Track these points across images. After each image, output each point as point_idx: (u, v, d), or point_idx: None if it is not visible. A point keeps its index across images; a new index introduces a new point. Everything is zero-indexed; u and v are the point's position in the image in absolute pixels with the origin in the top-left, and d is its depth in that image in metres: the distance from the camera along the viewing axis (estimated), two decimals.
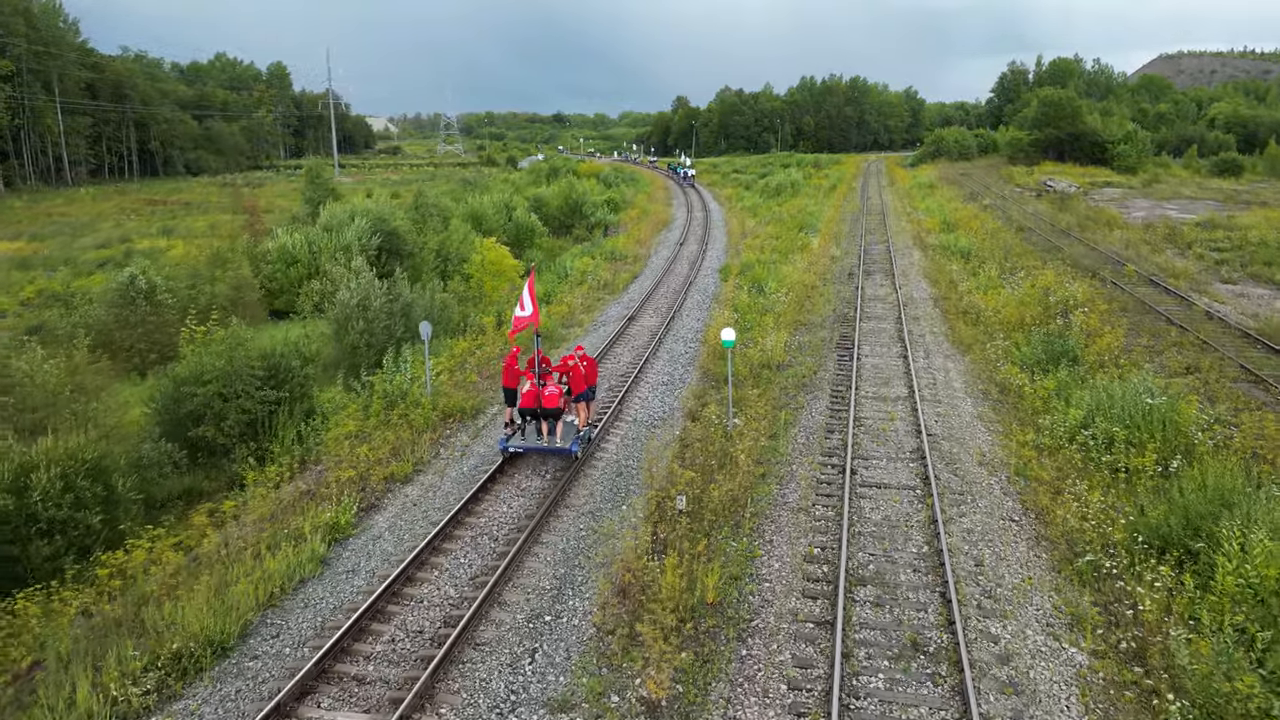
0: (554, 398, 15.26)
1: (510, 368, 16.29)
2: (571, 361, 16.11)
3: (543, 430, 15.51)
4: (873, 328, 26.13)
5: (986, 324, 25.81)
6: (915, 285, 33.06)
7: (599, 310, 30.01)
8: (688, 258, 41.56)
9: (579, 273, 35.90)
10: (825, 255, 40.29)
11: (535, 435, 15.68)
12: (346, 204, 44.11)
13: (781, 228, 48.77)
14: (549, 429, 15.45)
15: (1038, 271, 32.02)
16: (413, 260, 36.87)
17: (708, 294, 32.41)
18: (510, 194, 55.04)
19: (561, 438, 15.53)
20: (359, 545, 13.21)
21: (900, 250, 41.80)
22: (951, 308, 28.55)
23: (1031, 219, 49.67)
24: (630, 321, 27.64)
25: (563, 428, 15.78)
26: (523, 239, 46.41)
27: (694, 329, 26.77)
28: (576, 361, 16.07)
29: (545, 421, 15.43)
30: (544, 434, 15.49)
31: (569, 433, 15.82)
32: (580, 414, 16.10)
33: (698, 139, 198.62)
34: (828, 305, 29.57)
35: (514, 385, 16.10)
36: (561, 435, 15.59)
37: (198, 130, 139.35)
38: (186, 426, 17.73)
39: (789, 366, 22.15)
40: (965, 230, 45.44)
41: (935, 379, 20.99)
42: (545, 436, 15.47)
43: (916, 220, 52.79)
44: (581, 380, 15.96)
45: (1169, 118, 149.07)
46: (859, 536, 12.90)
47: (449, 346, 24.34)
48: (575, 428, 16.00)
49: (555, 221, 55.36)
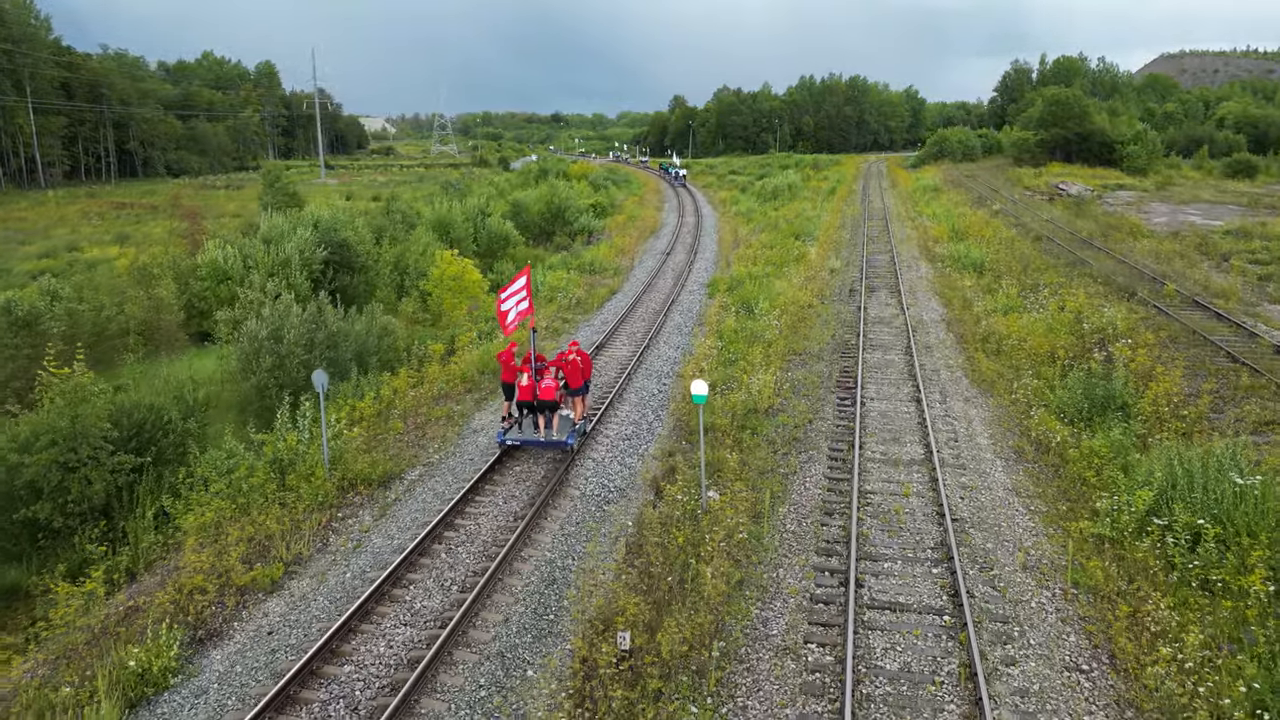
0: (550, 390, 15.57)
1: (507, 363, 16.62)
2: (569, 356, 16.53)
3: (539, 424, 15.81)
4: (878, 360, 22.44)
5: (1010, 355, 22.12)
6: (925, 304, 29.37)
7: (564, 334, 26.31)
8: (673, 270, 37.87)
9: (549, 289, 32.19)
10: (824, 268, 36.61)
11: (532, 429, 16.01)
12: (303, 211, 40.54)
13: (777, 235, 45.10)
14: (545, 422, 15.71)
15: (1065, 290, 28.32)
16: (366, 275, 33.21)
17: (691, 315, 28.71)
18: (486, 199, 51.39)
19: (558, 431, 15.80)
20: (170, 709, 9.49)
21: (906, 262, 38.12)
22: (968, 334, 24.85)
23: (1047, 226, 45.97)
24: (598, 351, 23.93)
25: (559, 421, 16.09)
26: (495, 249, 42.73)
27: (671, 360, 23.06)
28: (573, 356, 16.51)
29: (542, 415, 15.75)
30: (540, 427, 15.78)
31: (565, 426, 16.16)
32: (576, 408, 16.57)
33: (695, 139, 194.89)
34: (826, 330, 25.89)
35: (511, 380, 16.44)
36: (558, 428, 15.86)
37: (181, 130, 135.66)
38: (18, 503, 14.07)
39: (780, 412, 18.46)
40: (976, 239, 41.76)
41: (956, 431, 17.29)
42: (542, 430, 15.74)
43: (922, 227, 49.10)
44: (578, 374, 16.44)
45: (1176, 117, 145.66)
46: (869, 703, 9.18)
47: (382, 384, 20.64)
48: (571, 421, 16.35)
49: (535, 228, 51.72)
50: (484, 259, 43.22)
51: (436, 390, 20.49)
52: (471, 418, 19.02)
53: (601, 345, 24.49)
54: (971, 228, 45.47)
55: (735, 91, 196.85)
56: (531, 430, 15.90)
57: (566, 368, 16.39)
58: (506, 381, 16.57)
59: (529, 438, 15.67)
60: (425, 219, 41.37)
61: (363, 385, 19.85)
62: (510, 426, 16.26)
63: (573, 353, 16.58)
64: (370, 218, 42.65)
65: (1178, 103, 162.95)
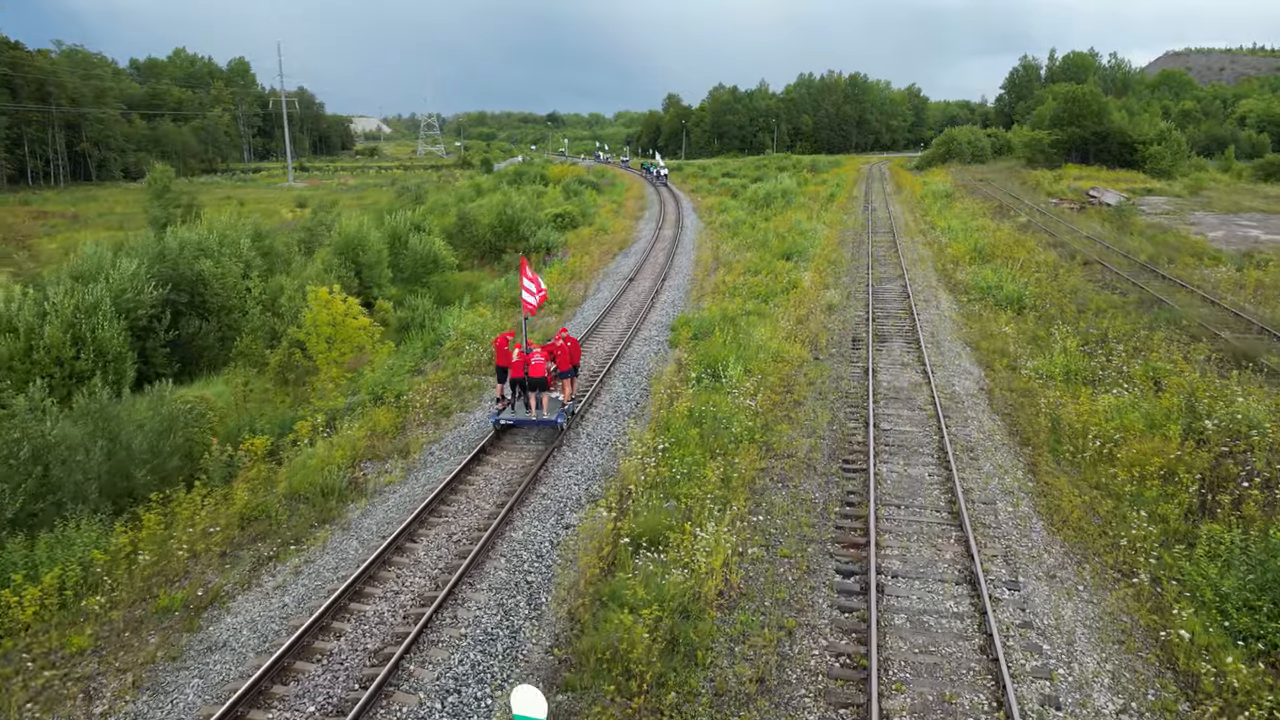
0: (539, 366, 16.56)
1: (501, 348, 17.48)
2: (558, 343, 17.47)
3: (531, 403, 16.78)
4: (897, 479, 14.84)
5: (1099, 469, 14.60)
6: (954, 363, 21.81)
7: (446, 427, 18.58)
8: (633, 304, 30.28)
9: (458, 337, 24.55)
10: (819, 302, 29.04)
11: (524, 410, 16.93)
12: (190, 228, 33.04)
13: (764, 256, 37.57)
14: (536, 402, 16.69)
15: (1149, 349, 20.78)
16: (226, 319, 25.68)
17: (638, 382, 21.03)
18: (422, 212, 43.84)
19: (548, 410, 16.68)
20: None
21: (921, 292, 30.56)
22: (1025, 422, 17.28)
23: (1091, 246, 38.35)
24: (472, 465, 16.11)
25: (549, 402, 16.84)
26: (420, 273, 35.17)
27: (570, 498, 15.26)
28: (563, 342, 17.46)
29: (533, 394, 16.71)
30: (531, 407, 16.75)
31: (554, 407, 16.86)
32: (565, 390, 17.44)
33: (689, 139, 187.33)
34: (820, 411, 18.32)
35: (506, 364, 17.19)
36: (548, 408, 16.73)
37: (144, 131, 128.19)
38: None
39: (738, 606, 10.94)
40: (1005, 261, 34.22)
41: (1047, 658, 9.76)
42: (533, 410, 16.71)
43: (936, 243, 41.53)
44: (566, 358, 17.43)
45: (1195, 116, 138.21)
46: None
47: (136, 525, 13.06)
48: (560, 402, 17.03)
49: (485, 244, 44.15)
50: (408, 284, 35.71)
51: (202, 539, 12.89)
52: (216, 622, 11.37)
53: (482, 454, 16.81)
54: (998, 246, 37.90)
55: (731, 90, 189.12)
56: (524, 411, 16.91)
57: (557, 353, 17.36)
58: (500, 365, 17.37)
59: (521, 417, 16.62)
60: (332, 239, 33.76)
61: (62, 545, 12.08)
62: (504, 408, 17.13)
63: (561, 338, 17.63)
64: (259, 241, 35.08)
65: (1193, 100, 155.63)
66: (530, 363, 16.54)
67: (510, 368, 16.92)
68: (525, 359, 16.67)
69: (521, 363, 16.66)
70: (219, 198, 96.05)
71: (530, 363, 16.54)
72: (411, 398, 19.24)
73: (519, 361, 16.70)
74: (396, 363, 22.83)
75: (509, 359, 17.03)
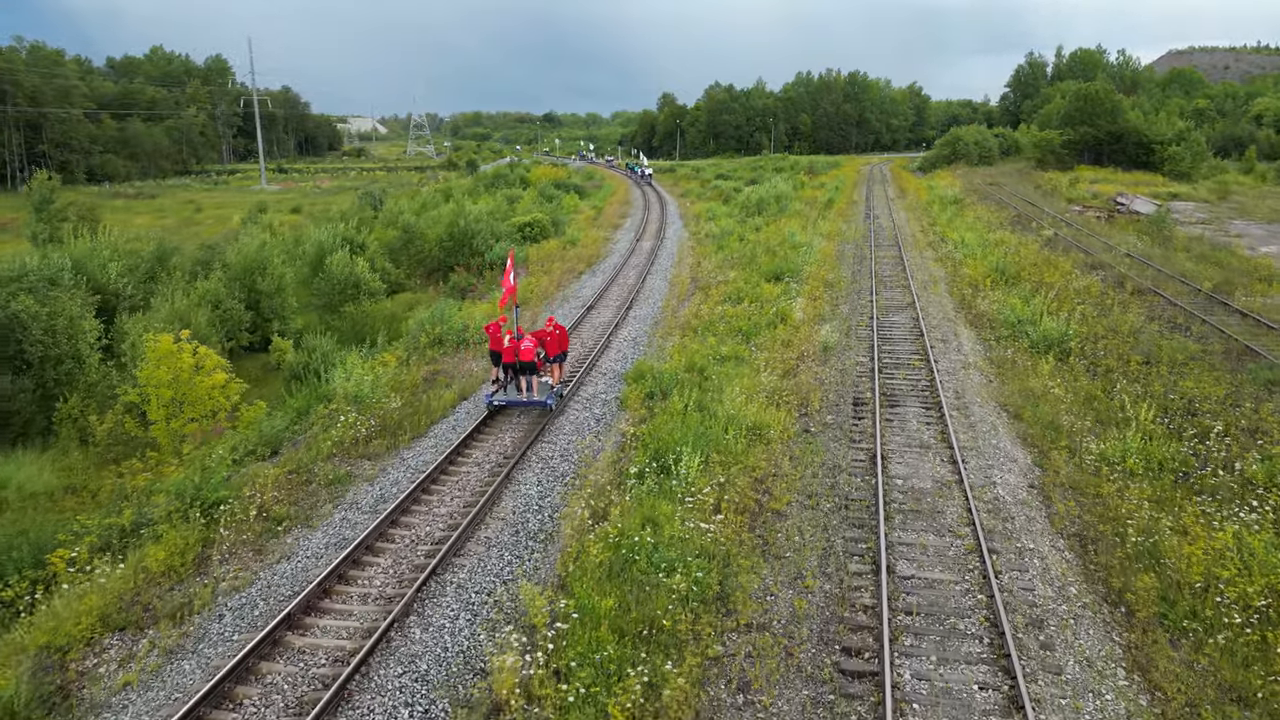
0: (529, 351, 17.39)
1: (494, 334, 18.35)
2: (548, 329, 18.63)
3: (521, 386, 17.71)
4: (929, 696, 9.26)
5: (1243, 665, 9.08)
6: (992, 445, 16.15)
7: (269, 558, 13.02)
8: (583, 344, 24.60)
9: (343, 398, 18.78)
10: (812, 342, 23.46)
11: (516, 391, 17.89)
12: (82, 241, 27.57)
13: (751, 275, 32.00)
14: (527, 385, 17.62)
15: (1258, 427, 15.18)
16: (52, 372, 20.09)
17: (557, 480, 15.21)
18: (355, 227, 38.26)
19: (538, 393, 17.71)
20: None
21: (938, 328, 24.97)
22: (1112, 563, 11.69)
23: (1135, 267, 32.73)
24: (282, 634, 10.64)
25: (539, 385, 17.82)
26: (338, 300, 29.56)
27: (437, 680, 9.81)
28: (551, 330, 18.65)
29: (524, 377, 17.58)
30: (523, 390, 17.70)
31: (544, 389, 17.99)
32: (554, 373, 18.67)
33: (683, 139, 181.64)
34: (807, 535, 12.71)
35: (499, 348, 18.01)
36: (538, 391, 17.75)
37: (113, 131, 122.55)
38: None
39: None
40: (1036, 285, 28.67)
41: None
42: (524, 392, 17.69)
43: (949, 260, 35.95)
44: (555, 345, 18.59)
45: (1208, 114, 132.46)
46: None
47: None
48: (549, 385, 18.27)
49: (433, 261, 38.54)
50: (328, 312, 30.07)
51: None
52: None
53: (287, 623, 11.28)
54: (1024, 265, 32.31)
55: (727, 88, 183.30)
56: (515, 393, 17.85)
57: (546, 339, 18.43)
58: (494, 350, 18.22)
59: (513, 399, 17.74)
60: (229, 260, 28.06)
61: None
62: (497, 389, 18.14)
63: (550, 326, 18.79)
64: (163, 261, 29.40)
65: (1206, 98, 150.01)
66: (520, 348, 17.42)
67: (503, 352, 17.77)
68: (515, 345, 17.53)
69: (513, 348, 17.53)
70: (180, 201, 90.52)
71: (520, 348, 17.42)
72: (234, 508, 13.59)
73: (510, 347, 17.58)
74: (246, 437, 17.19)
75: (501, 344, 17.90)
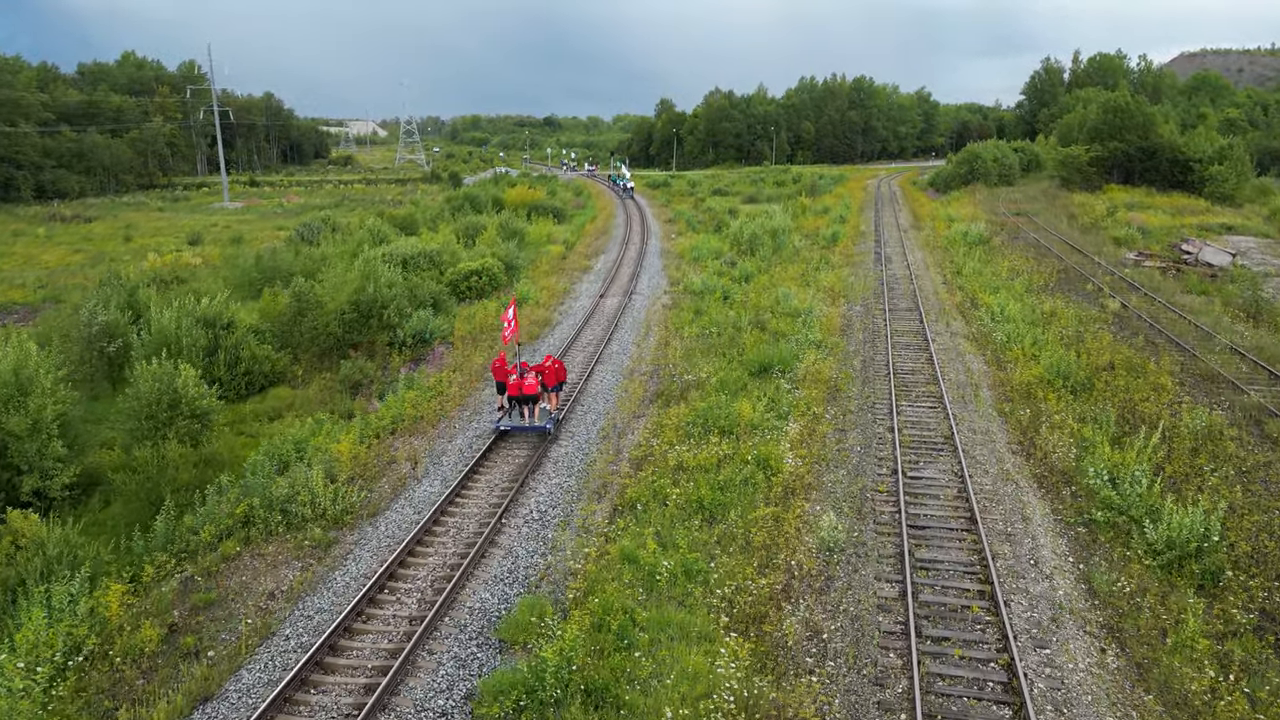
0: (532, 386, 20.09)
1: (499, 368, 20.81)
2: (548, 363, 20.97)
3: (524, 413, 20.27)
4: None
5: None
6: None
7: None
8: (467, 534, 16.41)
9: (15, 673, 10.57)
10: (806, 541, 15.20)
11: (519, 418, 20.43)
12: None
13: (731, 368, 23.92)
14: (529, 412, 20.19)
15: None
16: None
17: None
18: (225, 301, 30.03)
19: (539, 419, 20.25)
20: None
21: (996, 505, 16.66)
22: None
23: (1248, 368, 24.37)
24: None
25: (539, 411, 20.34)
26: (152, 426, 21.07)
27: None
28: (550, 363, 20.96)
29: (526, 406, 20.19)
30: (525, 416, 20.24)
31: (544, 415, 20.50)
32: (552, 401, 20.95)
33: (681, 148, 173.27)
34: None
35: (504, 379, 20.65)
36: (539, 417, 20.27)
37: (68, 144, 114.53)
38: None
39: None
40: (1120, 404, 20.43)
41: None
42: (526, 418, 20.23)
43: (989, 343, 27.67)
44: (553, 376, 20.86)
45: (1240, 124, 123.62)
46: None
47: None
48: (548, 411, 20.79)
49: (329, 339, 30.19)
50: (136, 445, 21.56)
51: None
52: None
53: None
54: (1095, 363, 24.03)
55: (727, 94, 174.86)
56: (519, 419, 20.41)
57: (545, 372, 20.67)
58: (500, 381, 20.76)
59: (517, 424, 20.25)
60: None
61: None
62: (503, 416, 20.60)
63: (549, 361, 21.11)
64: None
65: (1233, 106, 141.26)
66: (524, 384, 20.10)
67: (509, 387, 20.39)
68: (520, 381, 20.18)
69: (518, 384, 20.21)
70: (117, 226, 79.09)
71: (524, 384, 20.10)
72: None
73: (516, 383, 20.25)
74: None
75: (507, 378, 20.55)
